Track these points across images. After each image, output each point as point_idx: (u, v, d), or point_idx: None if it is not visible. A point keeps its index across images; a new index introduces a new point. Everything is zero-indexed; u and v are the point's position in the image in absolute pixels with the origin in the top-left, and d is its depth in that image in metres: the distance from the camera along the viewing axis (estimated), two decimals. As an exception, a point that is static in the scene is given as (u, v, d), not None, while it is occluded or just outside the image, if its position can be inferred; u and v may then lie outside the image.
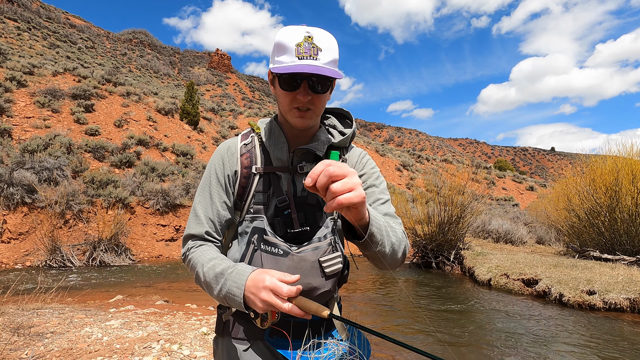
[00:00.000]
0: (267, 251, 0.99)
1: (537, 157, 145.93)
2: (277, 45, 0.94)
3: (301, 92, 0.95)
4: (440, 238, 9.33)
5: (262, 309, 0.85)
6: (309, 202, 1.05)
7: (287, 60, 0.92)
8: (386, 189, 1.14)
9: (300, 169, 1.05)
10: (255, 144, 1.09)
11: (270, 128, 1.09)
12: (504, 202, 25.33)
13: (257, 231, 1.01)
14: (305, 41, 0.92)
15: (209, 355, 3.14)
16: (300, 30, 0.93)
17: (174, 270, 8.44)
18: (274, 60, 0.96)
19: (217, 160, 1.08)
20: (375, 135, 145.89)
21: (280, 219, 1.02)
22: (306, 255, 0.99)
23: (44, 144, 11.93)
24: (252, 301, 0.86)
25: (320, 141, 1.06)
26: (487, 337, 4.44)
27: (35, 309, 4.20)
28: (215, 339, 1.13)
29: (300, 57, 0.91)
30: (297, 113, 0.98)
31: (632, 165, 8.57)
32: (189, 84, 20.61)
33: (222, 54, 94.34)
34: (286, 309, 0.82)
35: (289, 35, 0.93)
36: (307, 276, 0.98)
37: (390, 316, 5.37)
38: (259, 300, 0.84)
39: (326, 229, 1.03)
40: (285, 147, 1.06)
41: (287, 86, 0.96)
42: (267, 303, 0.83)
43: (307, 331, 1.03)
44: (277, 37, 0.95)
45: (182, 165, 15.11)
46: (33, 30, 46.42)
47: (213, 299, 0.98)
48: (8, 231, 8.62)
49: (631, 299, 5.40)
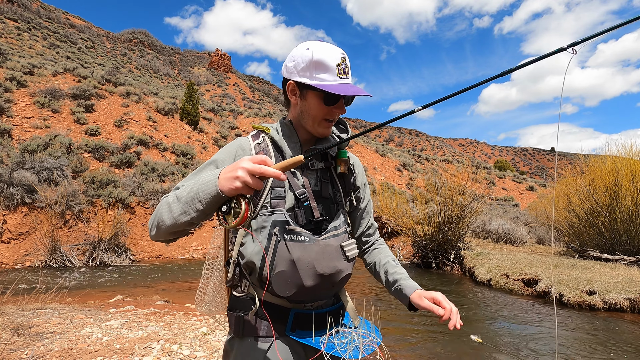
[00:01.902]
0: (293, 239, 1.02)
1: (537, 157, 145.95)
2: (315, 63, 1.03)
3: (339, 106, 1.09)
4: (440, 238, 9.33)
5: (241, 180, 0.81)
6: (323, 195, 1.14)
7: (330, 79, 1.03)
8: None
9: (311, 165, 1.14)
10: (268, 142, 1.14)
11: (282, 129, 1.16)
12: (504, 202, 25.32)
13: (279, 223, 1.04)
14: (342, 62, 1.05)
15: (209, 355, 3.14)
16: (336, 50, 1.05)
17: (174, 271, 8.44)
18: (312, 76, 1.04)
19: (226, 156, 1.09)
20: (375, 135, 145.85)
21: (301, 210, 1.07)
22: (329, 241, 1.06)
23: (44, 144, 11.93)
24: (229, 178, 0.82)
25: (330, 142, 1.17)
26: (487, 337, 4.44)
27: (35, 309, 4.20)
28: (230, 340, 1.12)
29: (340, 76, 1.04)
30: (326, 124, 1.11)
31: (632, 165, 8.57)
32: (189, 84, 20.60)
33: (222, 54, 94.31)
34: (265, 170, 0.80)
35: (328, 54, 1.03)
36: (333, 259, 1.06)
37: (390, 316, 5.37)
38: (239, 169, 0.81)
39: (339, 219, 1.12)
40: (298, 147, 1.13)
41: (330, 101, 1.07)
42: (246, 169, 0.81)
43: (330, 319, 1.13)
44: (315, 55, 1.03)
45: (182, 166, 15.11)
46: (33, 30, 46.42)
47: (174, 221, 0.90)
48: (8, 231, 8.62)
49: (631, 299, 5.40)
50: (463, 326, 4.72)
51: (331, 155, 1.18)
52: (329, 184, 1.16)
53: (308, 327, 1.10)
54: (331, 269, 1.05)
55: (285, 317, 1.08)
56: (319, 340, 1.06)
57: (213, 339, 3.59)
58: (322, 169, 1.16)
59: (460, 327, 0.99)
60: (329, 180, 1.17)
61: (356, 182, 1.26)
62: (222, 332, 3.83)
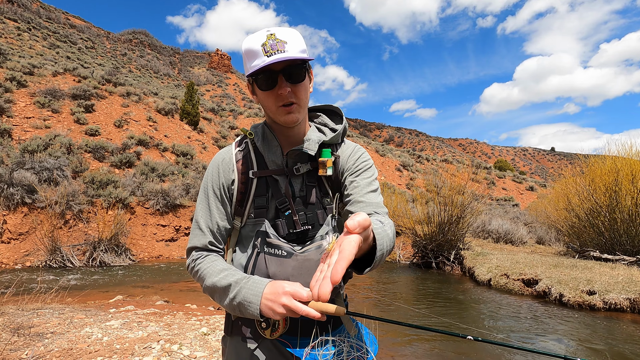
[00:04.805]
0: (271, 253, 1.00)
1: (537, 157, 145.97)
2: (245, 54, 0.97)
3: (281, 86, 0.96)
4: (440, 238, 9.33)
5: (281, 314, 0.85)
6: (309, 201, 1.06)
7: (258, 62, 0.94)
8: (376, 180, 1.14)
9: (297, 170, 1.06)
10: (250, 149, 1.10)
11: (262, 132, 1.10)
12: (504, 202, 25.32)
13: (260, 234, 1.02)
14: (269, 39, 0.94)
15: (209, 355, 3.15)
16: (262, 32, 0.96)
17: (174, 271, 8.44)
18: (247, 68, 0.98)
19: (213, 172, 1.10)
20: (375, 135, 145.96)
21: (282, 220, 1.03)
22: (309, 254, 1.00)
23: (44, 144, 11.93)
24: (270, 308, 0.86)
25: (311, 141, 1.06)
26: (486, 336, 4.43)
27: (35, 309, 4.20)
28: (223, 338, 1.14)
29: (268, 54, 0.93)
30: (284, 109, 0.99)
31: (632, 165, 8.57)
32: (189, 84, 20.61)
33: (222, 54, 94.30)
34: (306, 311, 0.82)
35: (253, 40, 0.96)
36: (311, 274, 0.97)
37: (390, 315, 5.37)
38: (279, 305, 0.84)
39: (327, 226, 1.05)
40: (279, 151, 1.07)
41: (266, 85, 0.97)
42: (287, 307, 0.83)
43: (315, 328, 1.03)
44: (243, 47, 0.97)
45: (182, 166, 15.12)
46: (33, 30, 46.42)
47: (223, 307, 0.99)
48: (8, 231, 8.62)
49: (631, 299, 5.40)
50: (460, 326, 4.71)
51: (314, 156, 1.08)
52: (315, 187, 1.08)
53: (298, 332, 1.05)
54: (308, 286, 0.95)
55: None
56: (304, 350, 0.98)
57: (213, 339, 3.59)
58: (309, 171, 1.08)
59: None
60: (315, 183, 1.08)
61: (343, 172, 1.11)
62: (222, 332, 3.83)
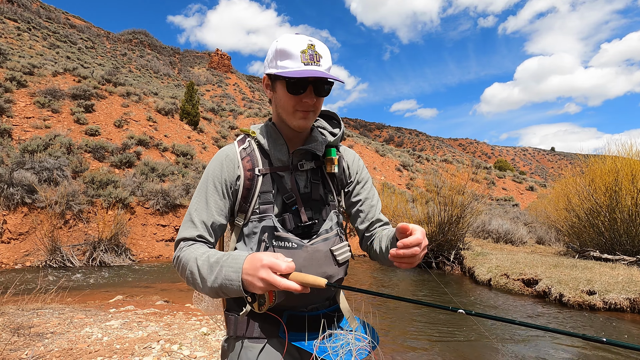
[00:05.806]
0: (281, 246, 1.02)
1: (537, 157, 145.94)
2: (279, 51, 0.99)
3: (308, 95, 1.01)
4: (440, 238, 9.33)
5: (261, 289, 0.84)
6: (313, 197, 1.10)
7: (293, 66, 0.97)
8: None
9: (301, 166, 1.11)
10: (254, 147, 1.12)
11: (267, 131, 1.12)
12: (504, 202, 25.32)
13: (267, 229, 1.04)
14: (309, 49, 0.97)
15: (209, 355, 3.14)
16: (303, 38, 0.99)
17: (174, 271, 8.43)
18: (277, 65, 1.00)
19: (215, 167, 1.09)
20: (375, 135, 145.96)
21: (289, 215, 1.06)
22: (318, 246, 1.05)
23: (44, 144, 11.93)
24: (250, 282, 0.85)
25: (318, 142, 1.12)
26: (487, 337, 4.43)
27: (35, 309, 4.20)
28: (226, 340, 1.12)
29: (305, 63, 0.96)
30: (301, 115, 1.03)
31: (632, 165, 8.57)
32: (189, 84, 20.61)
33: (222, 54, 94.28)
34: (285, 284, 0.81)
35: (292, 42, 0.98)
36: (322, 265, 1.05)
37: (390, 316, 5.37)
38: (258, 279, 0.83)
39: (331, 221, 1.10)
40: (285, 149, 1.10)
41: (294, 90, 1.00)
42: (266, 281, 0.82)
43: (323, 322, 1.09)
44: (279, 44, 0.99)
45: (182, 166, 15.11)
46: (33, 30, 46.40)
47: (205, 294, 0.96)
48: (8, 231, 8.62)
49: (631, 299, 5.40)
50: (462, 327, 4.70)
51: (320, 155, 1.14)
52: (319, 184, 1.13)
53: (302, 329, 1.08)
54: (320, 275, 1.03)
55: (278, 319, 1.07)
56: (312, 343, 1.03)
57: (213, 339, 3.59)
58: (313, 169, 1.13)
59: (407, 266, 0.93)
60: (319, 180, 1.13)
61: (349, 177, 1.20)
62: (222, 333, 3.83)
